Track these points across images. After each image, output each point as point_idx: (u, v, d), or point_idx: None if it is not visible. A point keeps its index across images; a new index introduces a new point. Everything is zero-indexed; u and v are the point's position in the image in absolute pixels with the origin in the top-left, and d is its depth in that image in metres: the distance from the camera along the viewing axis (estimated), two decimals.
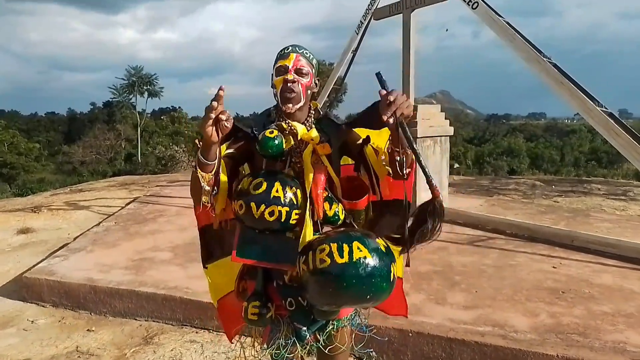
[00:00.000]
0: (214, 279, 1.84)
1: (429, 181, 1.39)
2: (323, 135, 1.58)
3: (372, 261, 1.31)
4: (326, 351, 1.65)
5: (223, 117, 1.31)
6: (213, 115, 1.30)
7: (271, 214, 1.45)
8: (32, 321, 3.71)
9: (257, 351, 1.80)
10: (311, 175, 1.52)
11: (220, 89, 1.31)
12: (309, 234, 1.48)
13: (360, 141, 1.61)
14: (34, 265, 4.50)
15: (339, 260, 1.30)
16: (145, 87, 38.22)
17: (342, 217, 1.59)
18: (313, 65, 1.63)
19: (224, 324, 1.94)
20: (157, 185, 9.76)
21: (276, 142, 1.51)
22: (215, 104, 1.29)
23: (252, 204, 1.45)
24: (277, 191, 1.46)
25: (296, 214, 1.48)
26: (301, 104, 1.58)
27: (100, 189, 9.81)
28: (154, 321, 3.62)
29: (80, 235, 5.64)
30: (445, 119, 6.40)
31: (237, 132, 1.58)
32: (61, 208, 7.61)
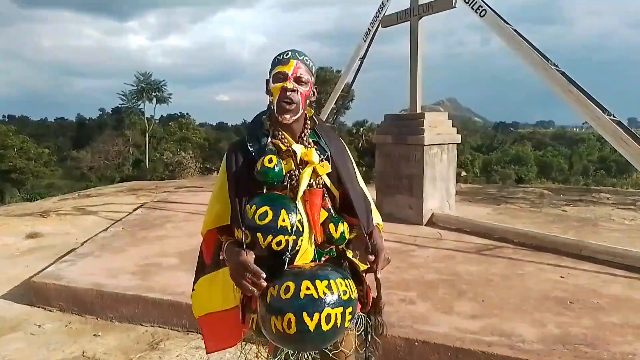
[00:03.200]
0: (200, 293, 1.79)
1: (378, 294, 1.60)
2: (321, 150, 1.57)
3: (331, 329, 1.31)
4: (331, 355, 1.62)
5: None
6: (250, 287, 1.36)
7: (278, 244, 1.41)
8: (39, 325, 3.73)
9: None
10: (303, 199, 1.51)
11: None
12: (306, 258, 1.50)
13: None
14: (41, 270, 4.53)
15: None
16: (153, 94, 38.43)
17: (347, 236, 1.57)
18: (313, 73, 1.57)
19: (207, 337, 1.89)
20: (165, 191, 9.82)
21: (276, 170, 1.46)
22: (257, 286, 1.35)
23: (259, 235, 1.42)
24: (283, 220, 1.42)
25: (302, 240, 1.47)
26: (299, 114, 1.54)
27: (108, 194, 9.88)
28: (160, 327, 3.63)
29: (88, 240, 5.67)
30: (453, 126, 6.39)
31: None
32: (69, 213, 7.66)
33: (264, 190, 1.50)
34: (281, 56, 1.54)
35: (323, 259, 1.59)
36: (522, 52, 4.98)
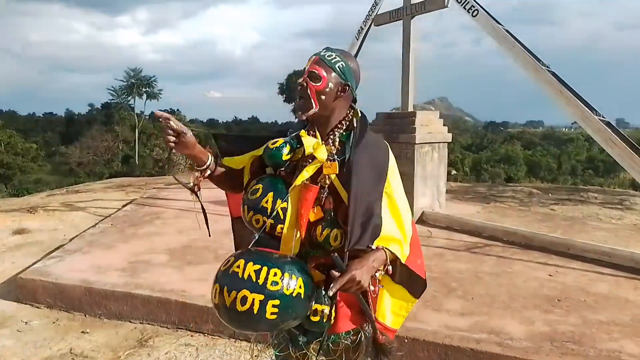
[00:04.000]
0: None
1: (373, 325, 1.56)
2: (340, 152, 1.51)
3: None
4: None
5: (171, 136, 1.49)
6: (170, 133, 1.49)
7: (257, 221, 1.50)
8: (26, 322, 3.69)
9: (252, 356, 1.78)
10: (298, 192, 1.49)
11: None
12: (285, 248, 1.49)
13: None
14: (29, 266, 4.47)
15: (253, 309, 1.30)
16: (144, 89, 38.18)
17: (333, 244, 1.48)
18: (334, 69, 1.49)
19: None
20: (154, 188, 9.74)
21: (274, 152, 1.50)
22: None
23: (245, 207, 1.53)
24: (266, 202, 1.48)
25: (281, 228, 1.48)
26: (314, 110, 1.49)
27: (97, 190, 9.78)
28: (148, 324, 3.60)
29: (76, 236, 5.62)
30: (444, 125, 6.41)
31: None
32: (57, 209, 7.58)
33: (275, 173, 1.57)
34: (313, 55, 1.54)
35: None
36: (514, 52, 5.01)
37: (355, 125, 1.55)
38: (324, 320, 1.47)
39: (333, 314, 1.50)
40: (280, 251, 1.48)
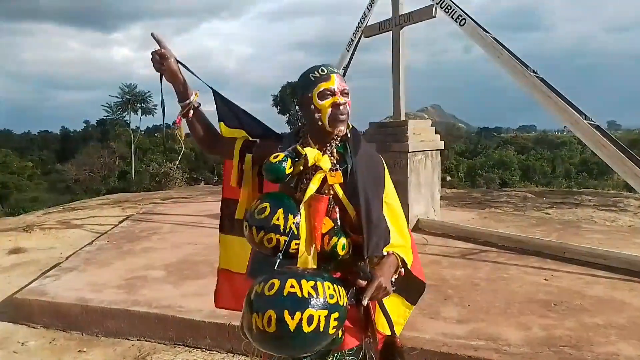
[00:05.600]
0: (224, 248, 1.94)
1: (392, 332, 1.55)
2: (340, 162, 1.54)
3: (312, 332, 1.25)
4: None
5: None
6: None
7: (269, 241, 1.44)
8: (23, 343, 3.66)
9: None
10: (307, 204, 1.49)
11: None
12: (303, 263, 1.48)
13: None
14: (24, 286, 4.45)
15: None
16: (139, 105, 38.23)
17: (341, 252, 1.50)
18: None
19: (219, 290, 1.98)
20: (151, 203, 9.73)
21: (276, 166, 1.47)
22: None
23: (254, 228, 1.46)
24: (277, 219, 1.43)
25: (296, 244, 1.46)
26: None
27: (93, 207, 9.76)
28: (146, 341, 3.58)
29: (73, 254, 5.60)
30: (436, 133, 6.46)
31: (270, 136, 1.69)
32: (54, 227, 7.55)
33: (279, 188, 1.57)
34: (317, 73, 1.55)
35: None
36: (502, 59, 5.08)
37: (349, 136, 1.59)
38: (339, 337, 1.44)
39: (343, 331, 1.47)
40: (300, 265, 1.48)
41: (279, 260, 1.42)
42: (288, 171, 1.48)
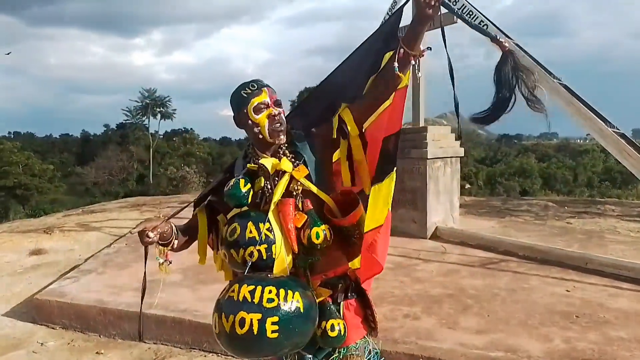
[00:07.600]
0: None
1: (492, 37, 1.62)
2: (297, 156, 1.59)
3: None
4: None
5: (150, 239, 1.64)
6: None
7: (251, 255, 1.47)
8: (42, 343, 3.71)
9: None
10: (276, 210, 1.53)
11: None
12: (279, 267, 1.50)
13: (334, 120, 1.63)
14: (44, 287, 4.52)
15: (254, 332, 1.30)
16: (158, 109, 38.83)
17: (316, 241, 1.51)
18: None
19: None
20: (169, 206, 9.82)
21: (232, 192, 1.54)
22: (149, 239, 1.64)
23: (233, 251, 1.50)
24: (250, 232, 1.48)
25: (275, 247, 1.49)
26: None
27: (112, 209, 9.89)
28: (162, 344, 3.60)
29: (92, 256, 5.67)
30: (456, 140, 6.39)
31: (219, 186, 1.71)
32: (73, 229, 7.67)
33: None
34: (249, 89, 1.59)
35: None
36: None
37: (292, 134, 1.66)
38: (342, 334, 1.52)
39: (346, 327, 1.55)
40: (276, 269, 1.50)
41: (249, 266, 1.47)
42: (244, 189, 1.54)
